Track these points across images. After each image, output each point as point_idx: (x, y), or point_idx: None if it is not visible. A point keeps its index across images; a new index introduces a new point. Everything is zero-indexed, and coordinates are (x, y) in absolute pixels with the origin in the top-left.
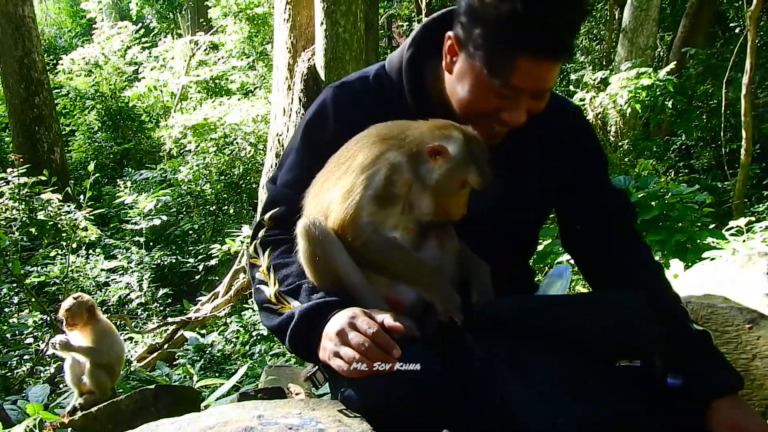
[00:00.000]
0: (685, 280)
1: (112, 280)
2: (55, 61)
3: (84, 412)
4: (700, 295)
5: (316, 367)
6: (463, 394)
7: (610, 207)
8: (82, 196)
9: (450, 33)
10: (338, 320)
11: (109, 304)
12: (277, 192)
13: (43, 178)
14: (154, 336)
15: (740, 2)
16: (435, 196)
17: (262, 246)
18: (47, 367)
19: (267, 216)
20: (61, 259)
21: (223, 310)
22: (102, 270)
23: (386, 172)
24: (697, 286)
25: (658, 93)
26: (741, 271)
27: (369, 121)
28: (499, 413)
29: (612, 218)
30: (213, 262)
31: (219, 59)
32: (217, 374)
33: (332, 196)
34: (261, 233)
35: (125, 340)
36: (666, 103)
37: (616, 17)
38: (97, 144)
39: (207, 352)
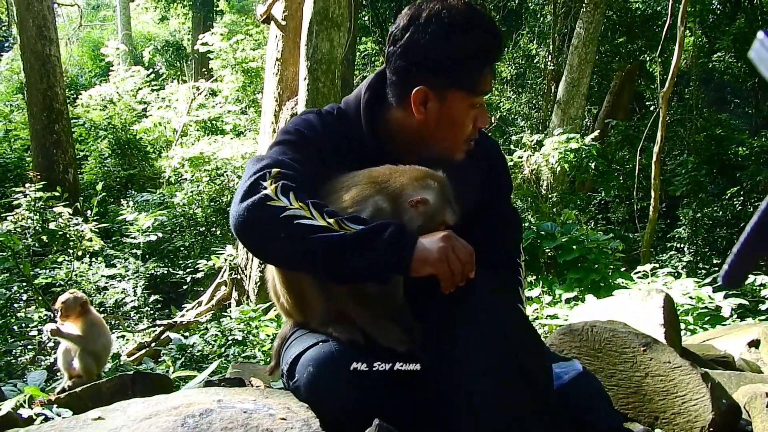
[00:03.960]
0: (593, 309)
1: (110, 285)
2: (75, 96)
3: (69, 392)
4: (604, 320)
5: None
6: (403, 391)
7: (505, 221)
8: (89, 212)
9: (417, 87)
10: (436, 234)
11: (107, 305)
12: (277, 158)
13: (57, 194)
14: (144, 335)
15: (655, 85)
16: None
17: (283, 190)
18: (48, 357)
19: (276, 170)
20: (67, 264)
21: (205, 316)
22: (102, 276)
23: (370, 213)
24: (602, 313)
25: (584, 156)
26: (641, 303)
27: (338, 146)
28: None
29: (503, 231)
30: (199, 275)
31: (216, 103)
32: (195, 371)
33: None
34: (269, 182)
35: (118, 337)
36: (589, 164)
37: (552, 91)
38: (106, 168)
39: (188, 351)
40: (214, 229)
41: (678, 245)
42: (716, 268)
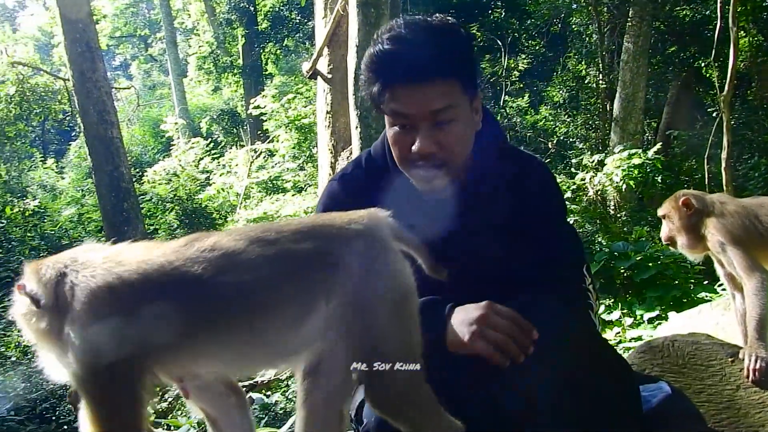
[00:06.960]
0: (673, 323)
1: None
2: (141, 173)
3: None
4: (685, 333)
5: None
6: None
7: (550, 244)
8: None
9: None
10: (473, 310)
11: None
12: None
13: None
14: None
15: (714, 90)
16: None
17: None
18: None
19: None
20: None
21: (285, 373)
22: None
23: None
24: (683, 327)
25: (648, 170)
26: (724, 313)
27: (366, 195)
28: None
29: (547, 255)
30: None
31: (275, 163)
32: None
33: None
34: None
35: None
36: (656, 178)
37: (608, 109)
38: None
39: (271, 410)
40: None
41: None
42: None
